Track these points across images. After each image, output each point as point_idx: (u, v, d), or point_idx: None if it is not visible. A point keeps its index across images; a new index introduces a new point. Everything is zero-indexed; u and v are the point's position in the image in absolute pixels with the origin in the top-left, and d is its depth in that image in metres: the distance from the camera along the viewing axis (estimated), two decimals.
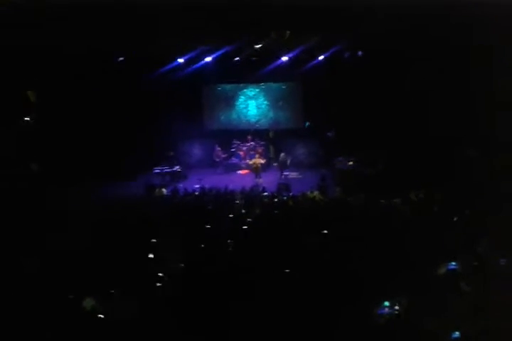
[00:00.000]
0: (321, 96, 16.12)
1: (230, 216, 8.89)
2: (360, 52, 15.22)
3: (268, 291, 5.19)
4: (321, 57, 15.70)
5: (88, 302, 4.88)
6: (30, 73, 13.06)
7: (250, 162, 15.90)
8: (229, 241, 7.21)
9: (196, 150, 17.83)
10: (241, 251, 6.89)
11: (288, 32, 13.80)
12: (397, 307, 4.48)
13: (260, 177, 14.96)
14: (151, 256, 6.52)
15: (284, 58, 15.78)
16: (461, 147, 12.97)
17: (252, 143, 17.38)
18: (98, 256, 6.40)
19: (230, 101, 18.36)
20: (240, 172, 16.79)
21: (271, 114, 18.22)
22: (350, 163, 14.85)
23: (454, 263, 5.13)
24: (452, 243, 6.14)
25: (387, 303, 4.46)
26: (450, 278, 4.94)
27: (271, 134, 17.61)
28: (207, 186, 12.49)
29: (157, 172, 15.43)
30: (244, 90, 18.24)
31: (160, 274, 5.86)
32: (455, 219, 7.72)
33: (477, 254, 5.61)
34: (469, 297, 4.52)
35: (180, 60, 15.83)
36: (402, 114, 14.34)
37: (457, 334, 4.03)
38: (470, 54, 12.38)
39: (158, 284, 5.66)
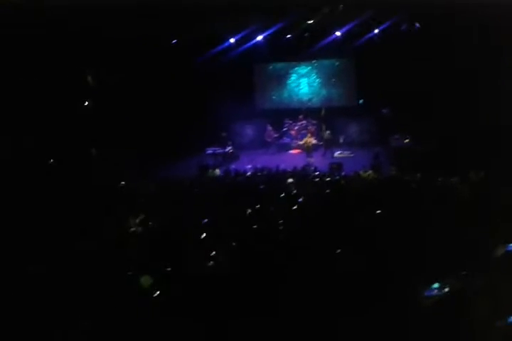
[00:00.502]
0: (375, 72, 15.60)
1: (282, 195, 8.92)
2: (416, 25, 14.52)
3: (320, 271, 5.18)
4: (374, 32, 15.13)
5: (146, 280, 5.05)
6: (88, 58, 13.45)
7: (301, 142, 15.79)
8: (281, 221, 7.24)
9: (248, 131, 17.91)
10: (293, 230, 6.90)
11: (341, 6, 13.43)
12: (447, 289, 4.36)
13: (312, 157, 14.85)
14: (203, 235, 6.65)
15: (337, 34, 15.34)
16: None
17: (303, 122, 17.23)
18: (153, 235, 6.63)
19: (281, 79, 18.22)
20: (292, 151, 16.74)
21: (323, 92, 17.92)
22: (406, 140, 14.43)
23: None
24: None
25: (436, 285, 4.35)
26: (509, 259, 4.74)
27: (323, 113, 17.36)
28: (259, 166, 12.56)
29: (210, 153, 15.66)
30: (296, 68, 18.01)
31: (213, 253, 5.98)
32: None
33: None
34: None
35: (232, 40, 15.76)
36: (459, 90, 13.67)
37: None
38: None
39: (211, 262, 5.79)
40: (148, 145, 14.44)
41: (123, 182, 10.97)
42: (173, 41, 15.60)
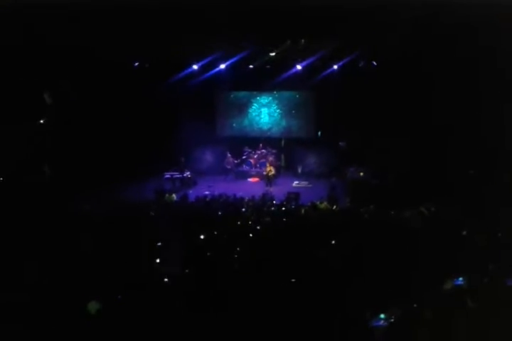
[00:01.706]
0: (334, 105, 16.10)
1: (239, 223, 8.91)
2: (374, 63, 15.18)
3: (273, 300, 5.16)
4: (334, 67, 15.66)
5: (93, 306, 4.89)
6: (47, 76, 13.24)
7: (262, 170, 15.93)
8: (237, 248, 7.21)
9: (207, 157, 17.88)
10: (248, 258, 6.88)
11: (303, 40, 13.91)
12: (392, 320, 4.44)
13: (271, 186, 14.97)
14: (157, 260, 6.54)
15: (298, 67, 15.78)
16: (473, 160, 12.88)
17: (263, 150, 17.41)
18: (104, 259, 6.44)
19: (242, 108, 18.41)
20: (251, 179, 16.81)
21: (283, 123, 18.22)
22: (361, 173, 14.79)
23: (461, 278, 5.07)
24: (461, 258, 6.07)
25: (382, 316, 4.43)
26: (456, 293, 4.88)
27: (283, 143, 17.63)
28: (217, 193, 12.53)
29: (167, 178, 15.51)
30: (258, 98, 18.28)
31: (165, 279, 5.87)
32: (464, 233, 7.62)
33: (487, 271, 5.53)
34: (474, 314, 4.45)
35: (195, 67, 15.91)
36: (416, 125, 14.27)
37: None
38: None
39: (163, 288, 5.68)
40: (105, 167, 14.15)
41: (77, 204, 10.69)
42: (135, 64, 15.57)
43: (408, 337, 4.24)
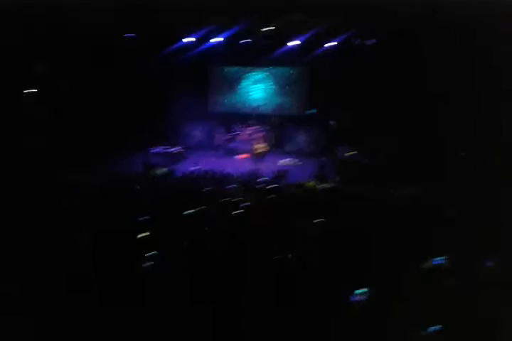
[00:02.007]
0: (328, 83, 15.93)
1: (226, 200, 8.90)
2: (371, 41, 14.97)
3: (259, 276, 5.21)
4: (330, 44, 15.41)
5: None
6: (40, 49, 12.96)
7: (253, 147, 15.85)
8: (222, 224, 7.22)
9: (198, 132, 17.73)
10: (234, 234, 6.90)
11: (300, 15, 13.65)
12: (368, 296, 4.52)
13: (260, 163, 14.92)
14: (144, 234, 6.54)
15: (295, 42, 15.51)
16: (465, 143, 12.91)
17: (254, 127, 17.28)
18: (91, 235, 6.44)
19: (235, 83, 18.19)
20: (240, 156, 16.74)
21: (276, 99, 18.06)
22: (351, 152, 14.78)
23: (440, 258, 5.13)
24: (443, 239, 6.14)
25: (361, 291, 4.50)
26: (435, 272, 4.95)
27: (274, 120, 17.50)
28: (205, 168, 12.49)
29: (157, 152, 15.40)
30: (251, 73, 18.04)
31: (151, 253, 5.88)
32: (449, 214, 7.69)
33: (466, 252, 5.61)
34: (453, 292, 4.53)
35: (187, 40, 15.58)
36: (409, 105, 14.19)
37: (438, 327, 4.04)
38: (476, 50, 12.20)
39: (150, 263, 5.69)
40: (95, 140, 14.00)
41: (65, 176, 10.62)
42: (126, 36, 15.22)
43: (386, 313, 4.30)
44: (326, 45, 15.50)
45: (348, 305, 4.56)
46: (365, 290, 4.44)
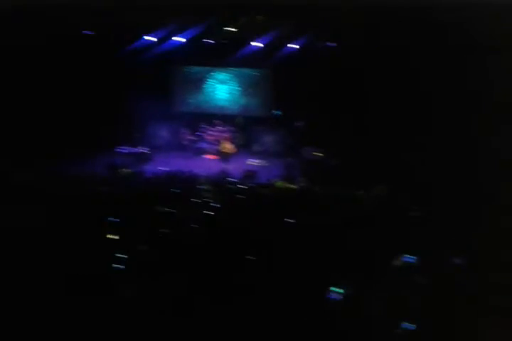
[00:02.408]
0: (292, 85, 16.05)
1: (194, 200, 8.84)
2: (332, 44, 15.17)
3: (230, 278, 5.20)
4: (294, 46, 15.54)
5: None
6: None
7: (219, 147, 15.80)
8: (192, 226, 7.18)
9: (163, 132, 17.49)
10: (204, 236, 6.86)
11: (260, 17, 13.72)
12: (346, 293, 4.59)
13: (227, 163, 14.90)
14: (111, 236, 6.41)
15: (259, 44, 15.56)
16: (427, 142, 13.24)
17: (220, 127, 17.23)
18: (55, 236, 6.25)
19: (200, 83, 18.05)
20: (207, 156, 16.66)
21: (240, 100, 18.04)
22: (317, 153, 14.96)
23: (410, 256, 5.27)
24: (412, 237, 6.30)
25: (336, 289, 4.57)
26: (405, 270, 5.08)
27: (239, 120, 17.50)
28: (172, 169, 12.37)
29: (121, 152, 15.12)
30: (215, 73, 17.94)
31: (119, 255, 5.78)
32: (416, 213, 7.91)
33: (436, 250, 5.77)
34: (423, 289, 4.66)
35: (149, 39, 15.36)
36: (373, 108, 14.46)
37: (406, 324, 4.14)
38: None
39: (117, 266, 5.59)
40: (57, 140, 13.62)
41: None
42: (89, 33, 14.87)
43: (360, 311, 4.38)
44: (288, 47, 15.62)
45: (323, 303, 4.62)
46: (341, 290, 4.52)
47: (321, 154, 14.77)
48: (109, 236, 6.47)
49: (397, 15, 11.92)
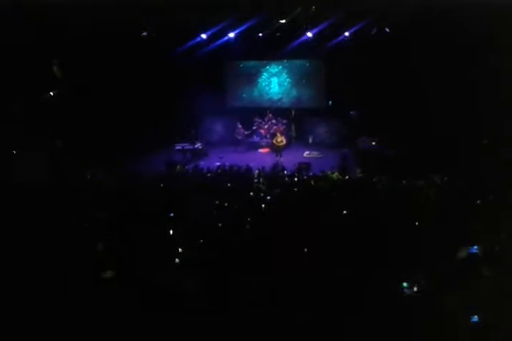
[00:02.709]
0: (345, 74, 15.72)
1: (250, 194, 8.91)
2: (386, 29, 14.71)
3: (286, 270, 5.18)
4: (345, 34, 15.22)
5: (108, 275, 4.97)
6: (56, 48, 13.08)
7: (271, 141, 15.83)
8: (248, 219, 7.22)
9: (218, 128, 17.79)
10: (260, 229, 6.89)
11: (313, 7, 13.52)
12: (415, 289, 4.45)
13: (281, 156, 14.89)
14: (170, 232, 6.57)
15: (309, 35, 15.36)
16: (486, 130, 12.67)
17: (273, 121, 17.24)
18: (119, 232, 6.49)
19: (252, 78, 18.16)
20: (261, 150, 16.74)
21: (293, 92, 17.98)
22: (373, 143, 14.63)
23: (475, 247, 5.05)
24: (475, 227, 6.04)
25: (405, 284, 4.43)
26: (471, 261, 4.87)
27: (293, 112, 17.43)
28: (228, 164, 12.52)
29: (178, 149, 15.48)
30: (267, 67, 18.00)
31: (179, 250, 5.91)
32: (478, 202, 7.57)
33: (500, 239, 5.51)
34: (490, 281, 4.46)
35: (203, 36, 15.59)
36: (429, 95, 13.93)
37: (476, 318, 3.98)
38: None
39: (177, 260, 5.72)
40: (116, 139, 14.11)
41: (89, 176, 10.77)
42: (143, 34, 15.27)
43: (429, 305, 4.25)
44: (341, 36, 15.32)
45: (391, 298, 4.50)
46: (405, 284, 4.40)
47: (376, 143, 14.41)
48: (170, 231, 6.62)
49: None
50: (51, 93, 14.23)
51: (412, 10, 12.23)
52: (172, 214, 7.39)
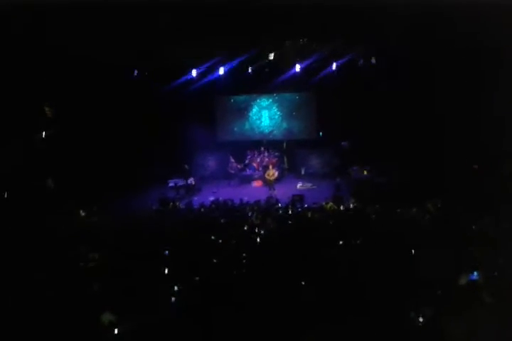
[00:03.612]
0: (335, 105, 16.02)
1: (245, 228, 8.82)
2: (373, 60, 15.08)
3: (284, 304, 5.08)
4: (333, 67, 15.57)
5: (106, 317, 4.83)
6: (46, 87, 13.20)
7: (264, 174, 15.86)
8: (244, 254, 7.12)
9: (210, 162, 17.84)
10: (256, 263, 6.79)
11: (301, 41, 13.88)
12: (420, 319, 4.36)
13: (274, 189, 14.87)
14: (165, 270, 6.45)
15: (297, 68, 15.68)
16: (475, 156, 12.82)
17: (265, 154, 17.34)
18: (112, 270, 6.37)
19: (243, 112, 18.41)
20: (255, 183, 16.73)
21: (284, 125, 18.21)
22: (365, 172, 14.70)
23: (475, 273, 4.98)
24: (472, 253, 5.98)
25: (411, 314, 4.35)
26: (472, 288, 4.79)
27: (285, 145, 17.57)
28: (221, 198, 12.46)
29: (171, 186, 15.44)
30: (257, 101, 18.29)
31: (175, 288, 5.79)
32: (474, 227, 7.53)
33: (498, 264, 5.45)
34: (492, 308, 4.38)
35: (194, 72, 15.89)
36: (418, 123, 14.15)
37: None
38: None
39: (173, 298, 5.60)
40: (108, 177, 14.06)
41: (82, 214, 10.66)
42: (134, 72, 15.54)
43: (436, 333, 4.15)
44: (329, 68, 15.66)
45: (394, 330, 4.39)
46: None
47: (368, 172, 14.48)
48: (164, 269, 6.50)
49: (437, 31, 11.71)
50: (42, 132, 14.24)
51: (398, 41, 12.57)
52: (167, 252, 7.28)
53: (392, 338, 4.26)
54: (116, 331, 4.70)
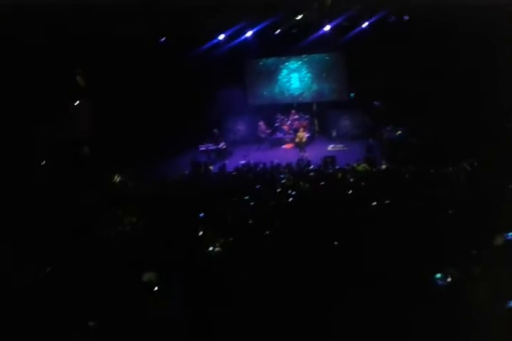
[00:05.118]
0: (366, 65, 15.54)
1: (277, 190, 8.90)
2: (404, 17, 14.48)
3: (319, 264, 5.15)
4: (364, 25, 15.06)
5: (147, 276, 5.01)
6: (77, 57, 13.31)
7: (294, 136, 15.79)
8: (278, 216, 7.21)
9: (240, 127, 17.86)
10: (288, 225, 6.88)
11: (329, 0, 13.43)
12: (450, 279, 4.36)
13: (305, 151, 14.83)
14: (200, 232, 6.60)
15: (327, 28, 15.26)
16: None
17: (296, 116, 17.20)
18: (149, 234, 6.56)
19: (272, 75, 18.16)
20: (285, 146, 16.71)
21: (314, 87, 17.89)
22: (399, 132, 14.43)
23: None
24: (510, 212, 5.88)
25: (439, 275, 4.35)
26: (509, 248, 4.75)
27: (315, 107, 17.35)
28: (252, 161, 12.54)
29: (203, 150, 15.59)
30: (287, 63, 17.96)
31: (210, 249, 5.94)
32: (510, 186, 7.37)
33: None
34: None
35: (222, 36, 15.67)
36: (453, 81, 13.67)
37: None
38: None
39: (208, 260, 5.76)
40: (139, 143, 14.29)
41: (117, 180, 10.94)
42: (162, 39, 15.44)
43: (465, 295, 4.16)
44: (359, 27, 15.17)
45: (427, 291, 4.41)
46: (439, 275, 4.30)
47: (402, 133, 14.21)
48: (200, 231, 6.65)
49: None
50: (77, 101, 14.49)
51: None
52: (202, 214, 7.44)
53: (422, 300, 4.29)
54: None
